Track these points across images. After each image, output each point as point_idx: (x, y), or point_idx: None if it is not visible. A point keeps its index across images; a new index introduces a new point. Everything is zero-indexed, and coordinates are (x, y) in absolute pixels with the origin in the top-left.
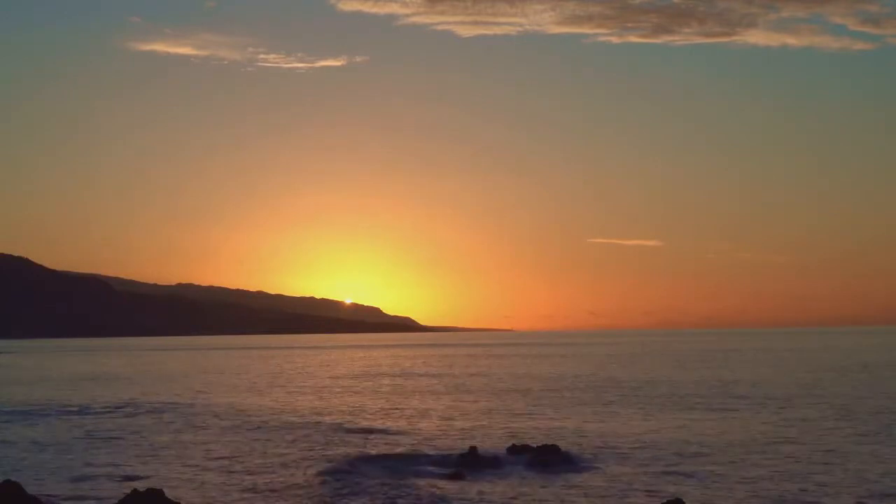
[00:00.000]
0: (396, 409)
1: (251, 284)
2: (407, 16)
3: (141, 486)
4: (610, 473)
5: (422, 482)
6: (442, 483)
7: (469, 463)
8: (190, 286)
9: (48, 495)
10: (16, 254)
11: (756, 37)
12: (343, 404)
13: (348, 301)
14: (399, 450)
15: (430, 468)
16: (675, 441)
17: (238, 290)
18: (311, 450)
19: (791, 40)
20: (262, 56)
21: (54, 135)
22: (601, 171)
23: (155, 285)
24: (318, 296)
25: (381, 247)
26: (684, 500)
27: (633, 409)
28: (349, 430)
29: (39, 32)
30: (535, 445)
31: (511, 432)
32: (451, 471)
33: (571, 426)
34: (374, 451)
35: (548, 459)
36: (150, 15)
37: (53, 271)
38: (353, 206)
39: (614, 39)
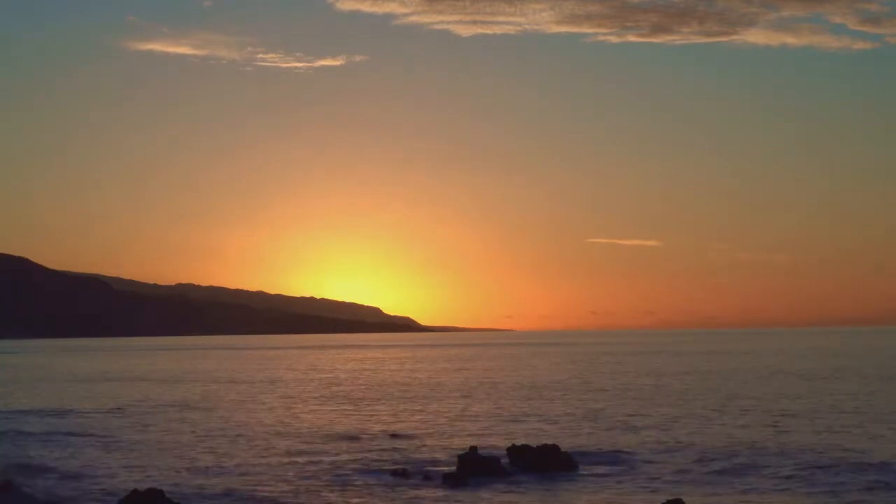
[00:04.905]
0: (397, 409)
1: (251, 284)
2: (406, 15)
3: (141, 486)
4: (610, 474)
5: (421, 483)
6: (442, 483)
7: (469, 463)
8: (190, 286)
9: (48, 495)
10: (16, 254)
11: (756, 36)
12: (343, 405)
13: (348, 301)
14: (399, 450)
15: (430, 469)
16: (674, 441)
17: (238, 290)
18: (306, 454)
19: (791, 39)
20: (260, 55)
21: (54, 135)
22: (601, 171)
23: (155, 285)
24: (318, 296)
25: (382, 247)
26: (684, 500)
27: (631, 409)
28: (349, 432)
29: (36, 32)
30: (535, 446)
31: (511, 433)
32: (451, 471)
33: (571, 426)
34: (373, 452)
35: (548, 460)
36: (147, 14)
37: (54, 271)
38: (352, 206)
39: (613, 39)
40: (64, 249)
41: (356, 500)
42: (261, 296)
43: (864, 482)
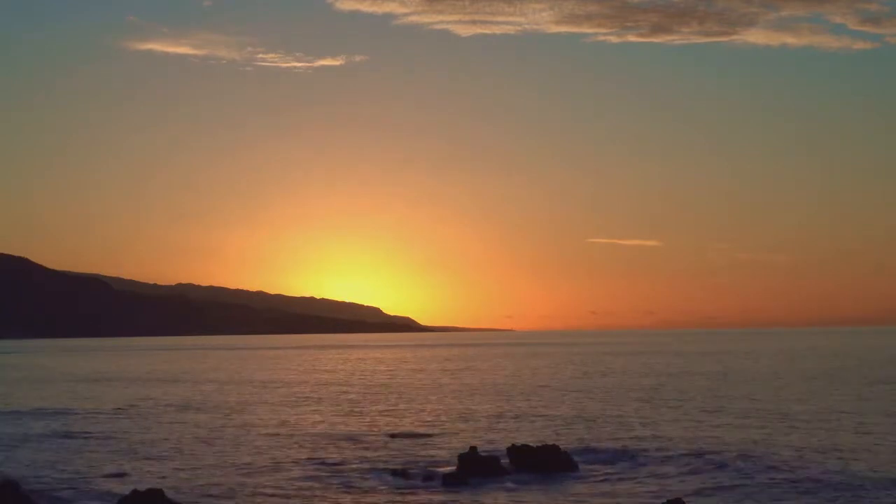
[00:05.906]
0: (397, 409)
1: (251, 284)
2: (405, 15)
3: (141, 486)
4: (610, 474)
5: (421, 483)
6: (442, 483)
7: (469, 463)
8: (190, 286)
9: (48, 495)
10: (16, 254)
11: (756, 36)
12: (343, 406)
13: (348, 301)
14: (399, 450)
15: (430, 469)
16: (674, 441)
17: (238, 290)
18: (306, 454)
19: (791, 39)
20: (260, 55)
21: (54, 135)
22: (601, 171)
23: (155, 285)
24: (318, 296)
25: (382, 247)
26: (684, 500)
27: (631, 409)
28: (349, 433)
29: (36, 32)
30: (535, 446)
31: (511, 433)
32: (451, 471)
33: (571, 426)
34: (373, 452)
35: (548, 460)
36: (147, 14)
37: (54, 271)
38: (352, 206)
39: (613, 39)
40: (64, 249)
41: (356, 501)
42: (261, 296)
43: (863, 482)
